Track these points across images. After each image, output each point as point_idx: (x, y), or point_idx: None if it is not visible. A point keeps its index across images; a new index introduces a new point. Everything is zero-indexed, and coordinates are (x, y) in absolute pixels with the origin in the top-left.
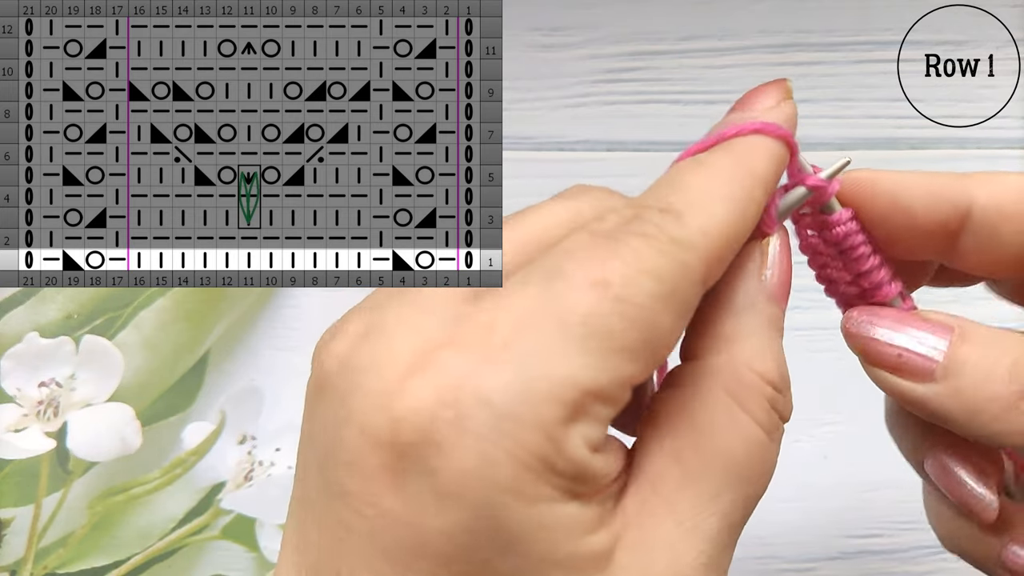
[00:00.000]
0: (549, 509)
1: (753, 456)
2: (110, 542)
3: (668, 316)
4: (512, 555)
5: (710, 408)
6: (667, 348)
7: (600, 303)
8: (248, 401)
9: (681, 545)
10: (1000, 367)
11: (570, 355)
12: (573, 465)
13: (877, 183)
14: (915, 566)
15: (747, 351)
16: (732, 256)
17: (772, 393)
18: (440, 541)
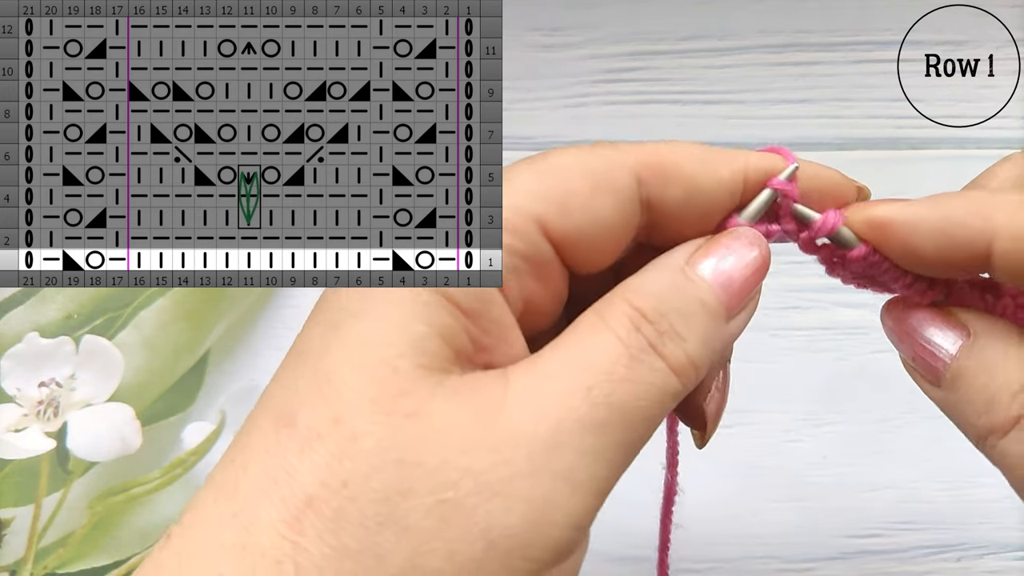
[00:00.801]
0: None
1: (603, 361)
2: (110, 542)
3: (579, 181)
4: (358, 294)
5: (578, 322)
6: (591, 213)
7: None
8: (248, 401)
9: (507, 408)
10: (983, 395)
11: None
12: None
13: (890, 227)
14: (915, 566)
15: (626, 285)
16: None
17: (636, 316)
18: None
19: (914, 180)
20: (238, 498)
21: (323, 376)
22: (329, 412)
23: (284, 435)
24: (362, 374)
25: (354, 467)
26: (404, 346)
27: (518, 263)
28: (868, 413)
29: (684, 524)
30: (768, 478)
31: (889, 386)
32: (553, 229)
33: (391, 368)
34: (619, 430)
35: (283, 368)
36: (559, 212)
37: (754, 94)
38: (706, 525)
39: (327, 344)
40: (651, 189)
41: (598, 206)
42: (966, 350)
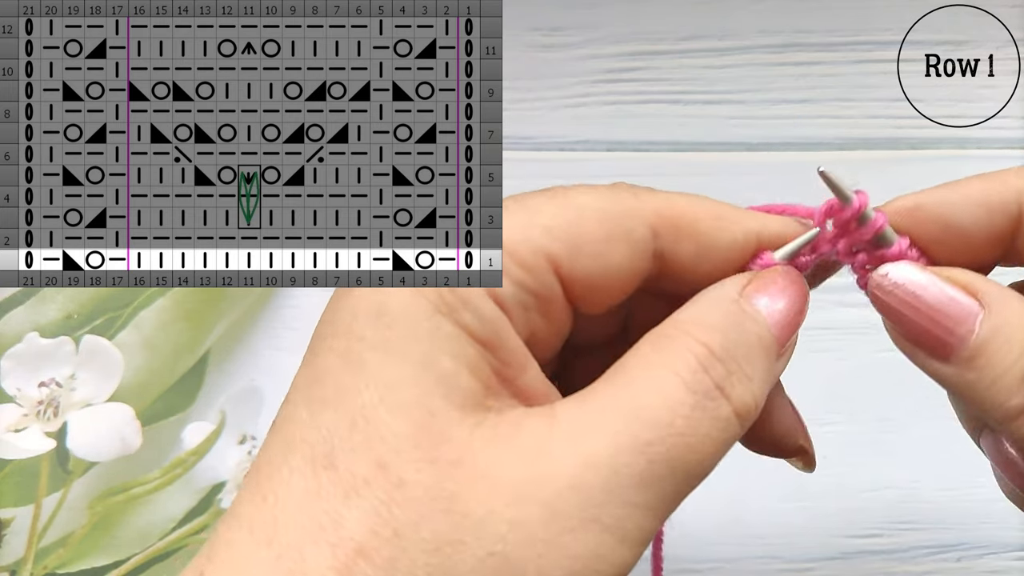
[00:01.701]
0: (426, 310)
1: (664, 411)
2: (110, 542)
3: (594, 225)
4: (382, 327)
5: (633, 354)
6: (601, 257)
7: None
8: (248, 401)
9: (554, 453)
10: (1011, 374)
11: (509, 218)
12: (462, 290)
13: (922, 208)
14: (915, 566)
15: (689, 313)
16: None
17: (704, 353)
18: (334, 307)
19: (914, 180)
20: (280, 540)
21: (359, 416)
22: (372, 456)
23: (326, 479)
24: (401, 417)
25: (404, 516)
26: (436, 385)
27: (526, 298)
28: (868, 413)
29: (684, 524)
30: (768, 478)
31: (889, 386)
32: (563, 269)
33: (428, 411)
34: (673, 484)
35: (305, 398)
36: (571, 254)
37: (754, 94)
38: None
39: (354, 381)
40: (665, 242)
41: (611, 252)
42: (986, 323)
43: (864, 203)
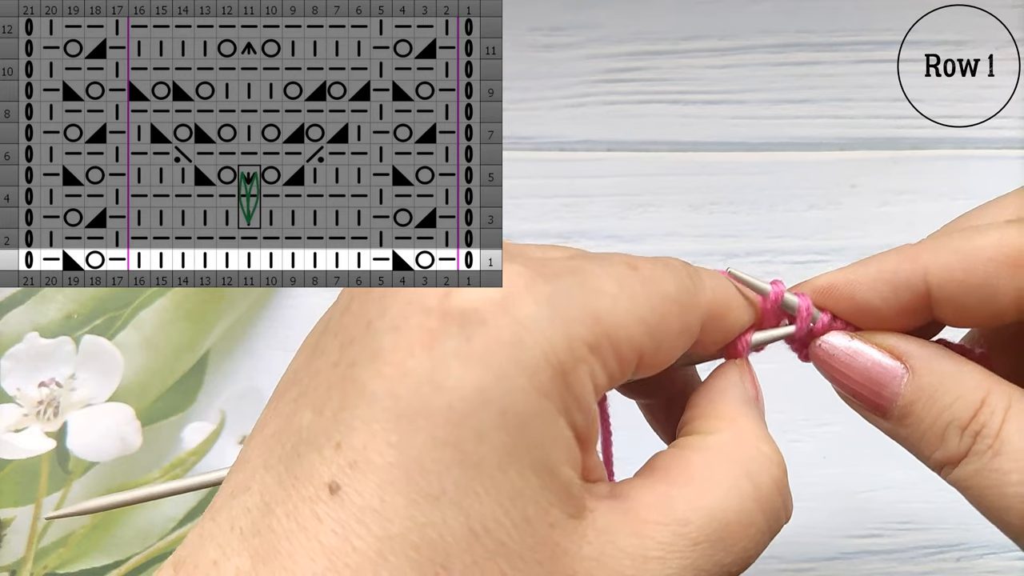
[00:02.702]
0: (551, 413)
1: (742, 525)
2: (110, 542)
3: (676, 321)
4: (505, 431)
5: (715, 469)
6: (668, 351)
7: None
8: (248, 401)
9: (641, 558)
10: (933, 431)
11: (603, 297)
12: (578, 386)
13: (835, 287)
14: (915, 566)
15: (754, 431)
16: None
17: (782, 477)
18: (449, 399)
19: (914, 180)
20: None
21: (479, 527)
22: (496, 570)
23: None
24: (524, 532)
25: None
26: (557, 495)
27: (603, 389)
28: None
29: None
30: None
31: None
32: (644, 361)
33: (549, 525)
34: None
35: (395, 483)
36: (655, 351)
37: (754, 94)
38: None
39: (471, 486)
40: (704, 333)
41: (678, 347)
42: (910, 384)
43: (780, 292)
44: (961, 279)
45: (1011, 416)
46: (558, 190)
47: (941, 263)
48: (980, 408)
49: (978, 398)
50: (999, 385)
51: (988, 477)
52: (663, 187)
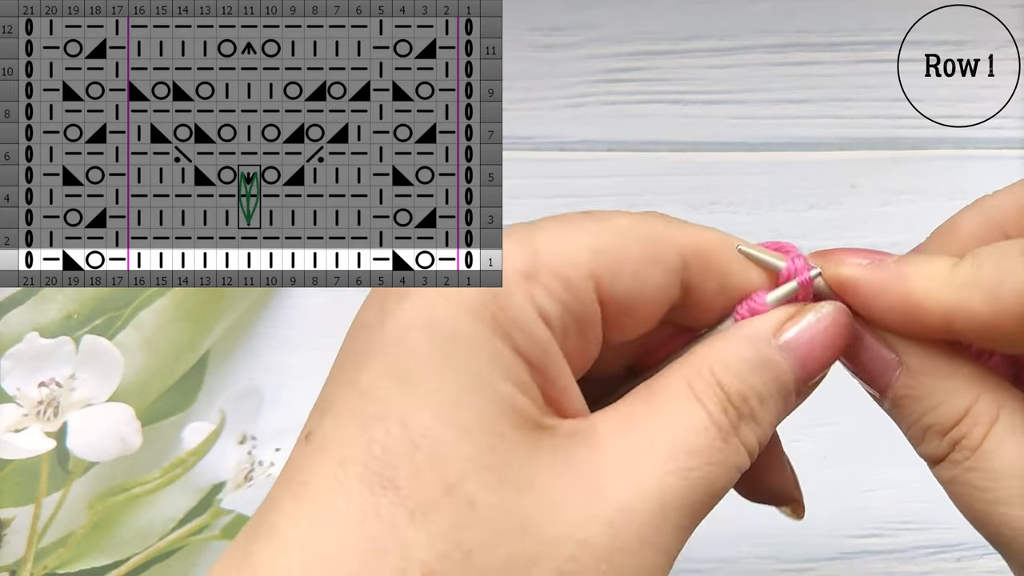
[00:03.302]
0: (483, 333)
1: (704, 443)
2: (110, 542)
3: (635, 247)
4: (436, 350)
5: (666, 386)
6: (637, 279)
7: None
8: (248, 401)
9: (608, 481)
10: (918, 427)
11: (542, 232)
12: (513, 309)
13: (856, 289)
14: (915, 566)
15: (714, 354)
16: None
17: (723, 397)
18: (389, 334)
19: (914, 180)
20: (338, 568)
21: (419, 437)
22: (438, 478)
23: (386, 500)
24: (467, 439)
25: (477, 537)
26: (499, 408)
27: (570, 322)
28: (868, 413)
29: None
30: None
31: None
32: (605, 291)
33: (496, 434)
34: (705, 507)
35: (351, 414)
36: (614, 274)
37: (754, 94)
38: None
39: (409, 400)
40: (693, 274)
41: (649, 275)
42: (901, 380)
43: (792, 271)
44: (992, 337)
45: (995, 431)
46: (558, 190)
47: (974, 320)
48: (963, 417)
49: (963, 406)
50: (990, 393)
51: (962, 487)
52: (663, 187)
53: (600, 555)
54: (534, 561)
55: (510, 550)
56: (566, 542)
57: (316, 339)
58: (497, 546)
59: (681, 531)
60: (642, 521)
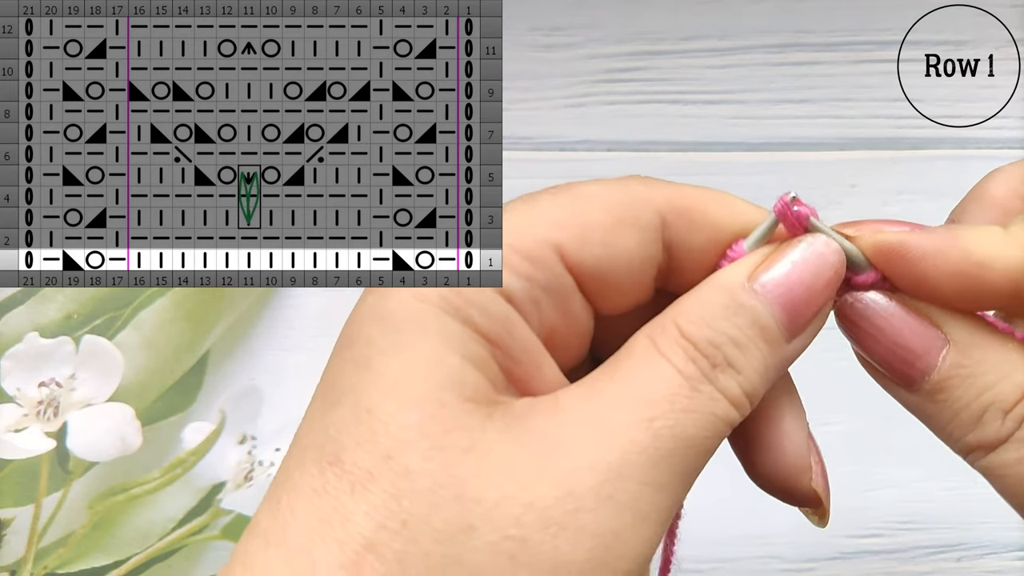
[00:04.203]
0: (431, 311)
1: (665, 392)
2: (110, 542)
3: (600, 213)
4: (383, 331)
5: (629, 349)
6: (606, 244)
7: None
8: (248, 401)
9: (565, 439)
10: (969, 412)
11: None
12: (469, 290)
13: (904, 256)
14: (915, 566)
15: (678, 308)
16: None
17: (689, 347)
18: (348, 322)
19: (914, 180)
20: (289, 543)
21: (364, 412)
22: (378, 449)
23: (332, 475)
24: (408, 409)
25: (413, 506)
26: (444, 379)
27: (536, 293)
28: (868, 413)
29: (684, 524)
30: None
31: None
32: (572, 259)
33: (437, 402)
34: (681, 460)
35: (314, 408)
36: (578, 242)
37: (754, 94)
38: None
39: (361, 381)
40: (676, 232)
41: (619, 239)
42: (949, 359)
43: (782, 205)
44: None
45: None
46: None
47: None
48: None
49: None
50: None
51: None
52: None
53: (550, 516)
54: (472, 526)
55: (446, 516)
56: (509, 505)
57: (316, 339)
58: (433, 513)
59: (652, 487)
60: (599, 478)
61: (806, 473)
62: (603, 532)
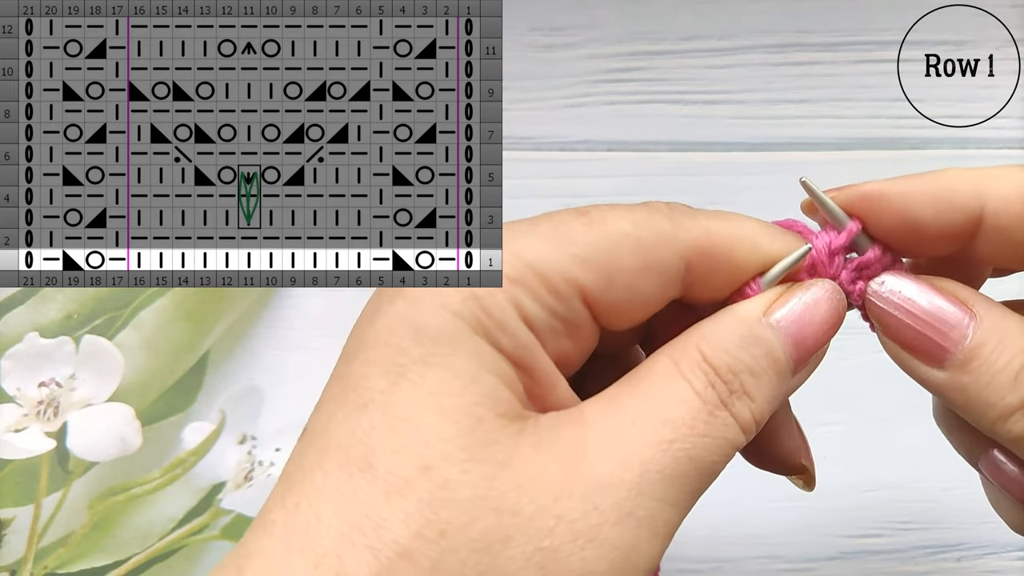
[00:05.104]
0: (464, 330)
1: (685, 415)
2: (110, 542)
3: (630, 256)
4: (419, 344)
5: (651, 367)
6: (630, 287)
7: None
8: (248, 401)
9: (591, 455)
10: (1005, 374)
11: (531, 238)
12: (496, 309)
13: (885, 197)
14: (915, 566)
15: (700, 333)
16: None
17: (711, 372)
18: (377, 329)
19: None
20: (316, 547)
21: (399, 421)
22: (415, 458)
23: (363, 481)
24: (446, 422)
25: (451, 516)
26: (480, 395)
27: (556, 324)
28: (868, 413)
29: (684, 524)
30: (768, 478)
31: (889, 386)
32: (594, 300)
33: (476, 418)
34: (694, 481)
35: (333, 409)
36: (604, 285)
37: (754, 94)
38: (707, 525)
39: (393, 388)
40: (697, 273)
41: (643, 284)
42: (981, 327)
43: (857, 229)
44: (1019, 212)
45: None
46: (558, 190)
47: (1002, 192)
48: None
49: None
50: None
51: None
52: (663, 187)
53: (578, 529)
54: (509, 537)
55: (484, 527)
56: (543, 517)
57: (316, 339)
58: (471, 524)
59: (667, 505)
60: (621, 494)
61: (798, 452)
62: (623, 545)
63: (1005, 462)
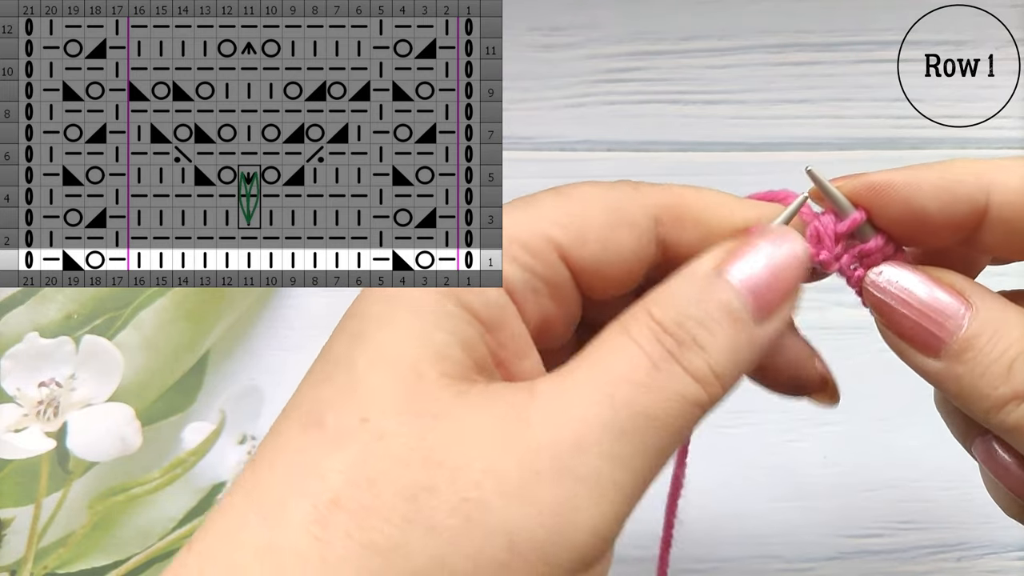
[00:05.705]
0: (427, 291)
1: (624, 367)
2: (110, 542)
3: (598, 214)
4: (379, 304)
5: (603, 336)
6: (603, 242)
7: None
8: (248, 401)
9: (532, 417)
10: (999, 364)
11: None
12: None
13: (892, 187)
14: (915, 566)
15: (652, 297)
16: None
17: (656, 328)
18: (354, 299)
19: None
20: (266, 499)
21: (351, 380)
22: (357, 413)
23: (313, 435)
24: (388, 378)
25: (381, 465)
26: (427, 353)
27: (536, 284)
28: (868, 413)
29: (684, 524)
30: (768, 478)
31: (889, 386)
32: (571, 256)
33: (416, 373)
34: (643, 438)
35: (310, 375)
36: (577, 241)
37: (754, 94)
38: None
39: (352, 351)
40: (668, 230)
41: (615, 238)
42: (977, 318)
43: (862, 219)
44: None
45: None
46: None
47: (1007, 184)
48: None
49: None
50: None
51: None
52: None
53: (507, 482)
54: (434, 487)
55: (413, 477)
56: (470, 469)
57: (316, 339)
58: (399, 474)
59: (613, 462)
60: (560, 448)
61: (812, 359)
62: (559, 504)
63: (998, 450)
